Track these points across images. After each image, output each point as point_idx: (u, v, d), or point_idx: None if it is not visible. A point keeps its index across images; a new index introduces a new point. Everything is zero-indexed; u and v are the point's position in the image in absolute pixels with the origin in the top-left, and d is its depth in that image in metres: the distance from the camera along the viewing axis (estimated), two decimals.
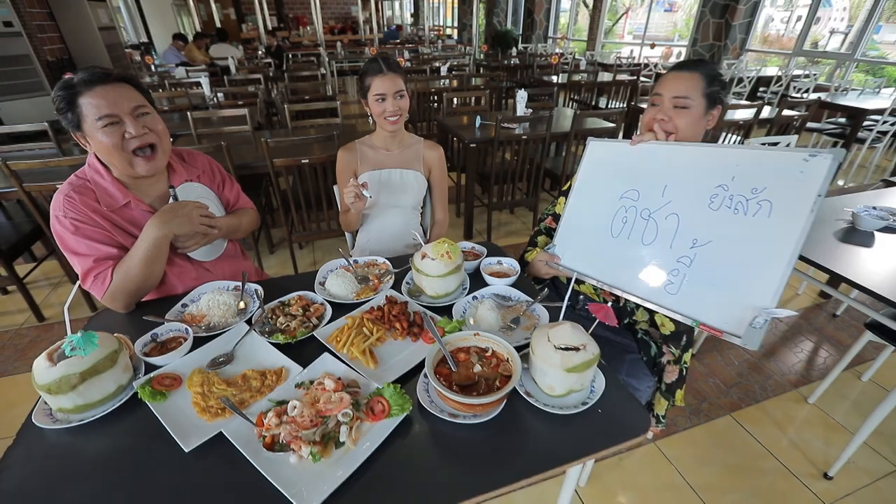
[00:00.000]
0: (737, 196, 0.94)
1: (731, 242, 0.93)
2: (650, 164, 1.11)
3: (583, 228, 1.22)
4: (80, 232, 1.05)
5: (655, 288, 1.02)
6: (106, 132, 1.00)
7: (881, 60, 6.18)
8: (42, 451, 0.78)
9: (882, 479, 1.55)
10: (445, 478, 0.74)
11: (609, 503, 1.47)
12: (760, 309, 0.85)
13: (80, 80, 0.98)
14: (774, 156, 0.91)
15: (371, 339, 0.99)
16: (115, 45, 6.26)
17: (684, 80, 1.13)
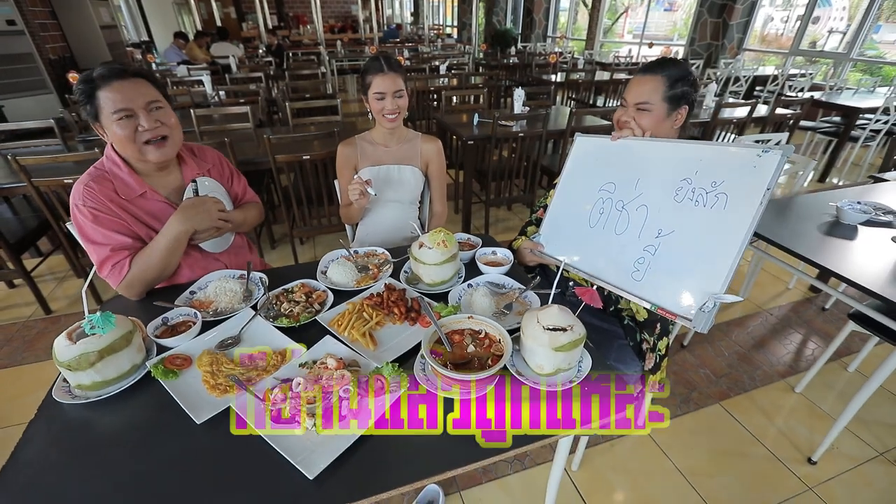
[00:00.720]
0: (698, 189, 1.00)
1: (691, 232, 1.00)
2: (627, 158, 1.18)
3: (566, 218, 1.29)
4: (99, 221, 1.10)
5: (624, 275, 1.08)
6: (120, 124, 1.06)
7: (877, 60, 6.23)
8: (62, 424, 0.84)
9: (864, 463, 1.60)
10: (441, 449, 0.79)
11: (601, 487, 1.52)
12: (710, 294, 0.92)
13: (99, 75, 1.04)
14: (733, 151, 0.98)
15: (371, 322, 1.05)
16: (116, 44, 6.31)
17: (644, 85, 1.21)
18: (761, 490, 1.51)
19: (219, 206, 1.22)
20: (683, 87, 1.20)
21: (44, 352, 2.08)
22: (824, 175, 4.27)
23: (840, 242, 1.56)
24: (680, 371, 1.99)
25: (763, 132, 3.32)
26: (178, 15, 9.34)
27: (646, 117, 1.21)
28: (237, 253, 1.42)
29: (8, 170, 2.32)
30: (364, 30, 11.64)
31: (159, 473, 0.73)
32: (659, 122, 1.22)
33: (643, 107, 1.21)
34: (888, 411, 1.81)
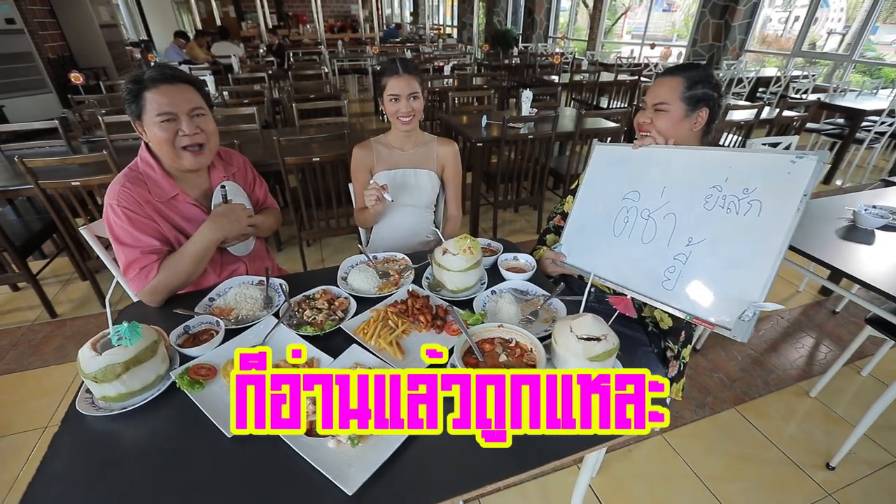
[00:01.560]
0: (729, 196, 0.99)
1: (724, 240, 0.98)
2: (651, 166, 1.16)
3: (587, 228, 1.28)
4: (132, 222, 1.10)
5: (653, 284, 1.07)
6: (162, 127, 1.07)
7: (879, 62, 6.26)
8: (87, 437, 0.81)
9: (882, 469, 1.60)
10: (475, 462, 0.77)
11: (620, 493, 1.51)
12: (749, 303, 0.90)
13: (150, 78, 1.06)
14: (764, 158, 0.97)
15: (397, 331, 1.03)
16: (116, 43, 6.26)
17: (663, 86, 1.20)
18: (780, 496, 1.51)
19: (247, 211, 1.22)
20: (704, 89, 1.19)
21: (50, 356, 2.05)
22: (829, 177, 4.27)
23: (858, 247, 1.55)
24: (694, 375, 1.98)
25: (769, 134, 3.32)
26: (178, 14, 9.28)
27: (663, 118, 1.20)
28: (257, 257, 1.42)
29: (11, 171, 2.30)
30: (364, 29, 11.60)
31: (191, 489, 0.72)
32: (676, 124, 1.20)
33: (660, 107, 1.20)
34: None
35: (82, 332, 2.20)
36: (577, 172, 3.03)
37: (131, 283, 1.12)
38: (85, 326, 2.24)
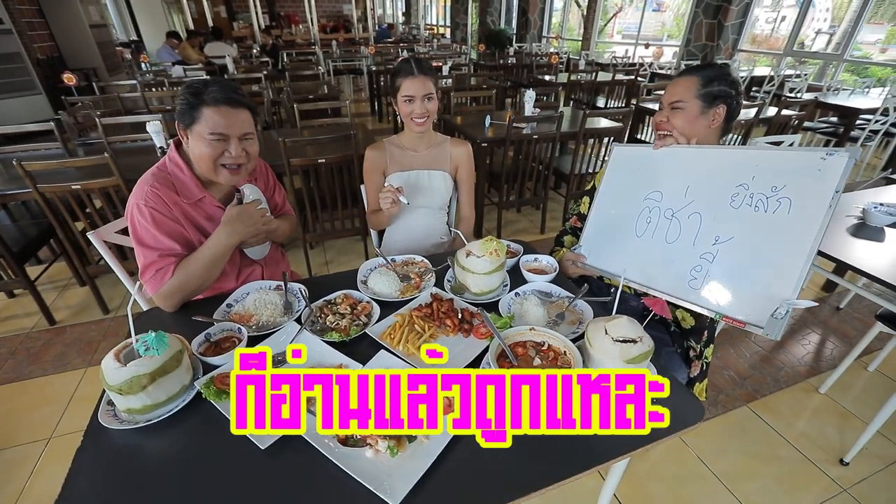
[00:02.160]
0: (757, 194, 0.98)
1: (753, 238, 0.98)
2: (672, 166, 1.16)
3: (607, 229, 1.27)
4: (157, 224, 1.09)
5: (679, 283, 1.07)
6: (211, 144, 1.09)
7: (868, 61, 6.37)
8: (112, 451, 0.78)
9: (895, 463, 1.61)
10: (515, 469, 0.76)
11: (638, 494, 1.51)
12: (782, 300, 0.90)
13: (213, 97, 1.06)
14: (793, 155, 0.96)
15: (425, 335, 1.01)
16: (106, 44, 6.16)
17: (679, 84, 1.21)
18: (797, 493, 1.51)
19: (261, 211, 1.19)
20: (720, 87, 1.18)
21: (50, 364, 2.00)
22: None
23: (869, 244, 1.57)
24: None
25: (768, 133, 3.35)
26: (168, 14, 9.14)
27: (679, 116, 1.20)
28: (273, 261, 1.41)
29: (6, 175, 2.24)
30: (357, 29, 11.53)
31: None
32: (693, 121, 1.20)
33: (676, 105, 1.20)
34: None
35: (83, 340, 2.14)
36: (580, 172, 3.03)
37: (147, 285, 1.11)
38: (86, 333, 2.18)
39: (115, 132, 2.72)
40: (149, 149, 2.57)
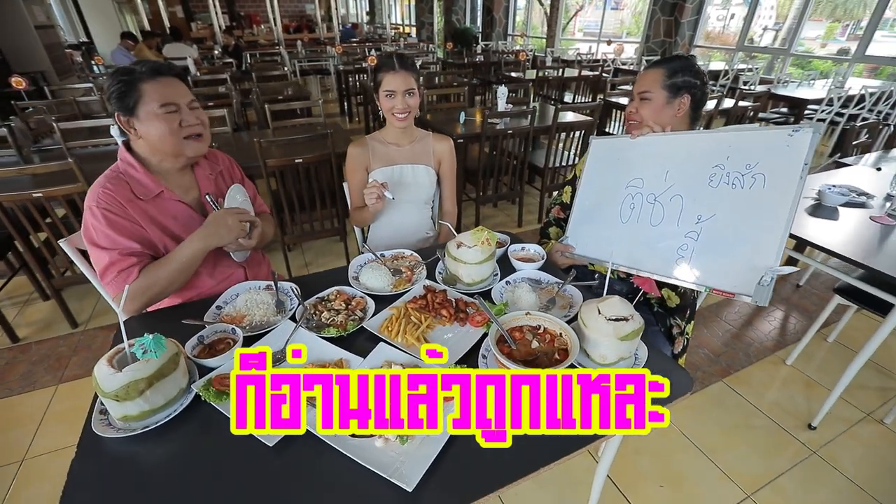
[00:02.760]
0: (733, 173, 1.04)
1: (733, 214, 1.03)
2: (651, 153, 1.21)
3: (592, 218, 1.32)
4: (111, 224, 1.06)
5: (667, 263, 1.12)
6: (167, 118, 1.07)
7: (811, 55, 6.81)
8: (109, 461, 0.76)
9: (856, 424, 1.74)
10: (523, 447, 0.78)
11: (628, 469, 1.57)
12: (766, 268, 0.96)
13: (148, 69, 1.06)
14: (763, 134, 1.03)
15: (422, 326, 1.02)
16: (54, 45, 5.83)
17: (646, 76, 1.28)
18: (772, 458, 1.61)
19: (238, 217, 1.15)
20: (684, 77, 1.25)
21: (17, 384, 1.89)
22: None
23: (826, 222, 1.68)
24: None
25: (728, 124, 3.52)
26: (120, 14, 8.71)
27: (646, 106, 1.28)
28: (255, 263, 1.38)
29: None
30: (322, 29, 11.34)
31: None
32: (659, 111, 1.27)
33: (644, 96, 1.28)
34: (866, 375, 1.98)
35: (51, 356, 2.03)
36: (554, 165, 3.10)
37: (108, 286, 1.08)
38: (54, 349, 2.07)
39: (72, 137, 2.58)
40: (112, 153, 2.44)
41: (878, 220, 1.66)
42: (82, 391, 1.85)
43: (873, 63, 5.75)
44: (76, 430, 0.79)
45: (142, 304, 1.11)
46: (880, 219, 1.66)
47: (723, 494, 1.50)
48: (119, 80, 1.04)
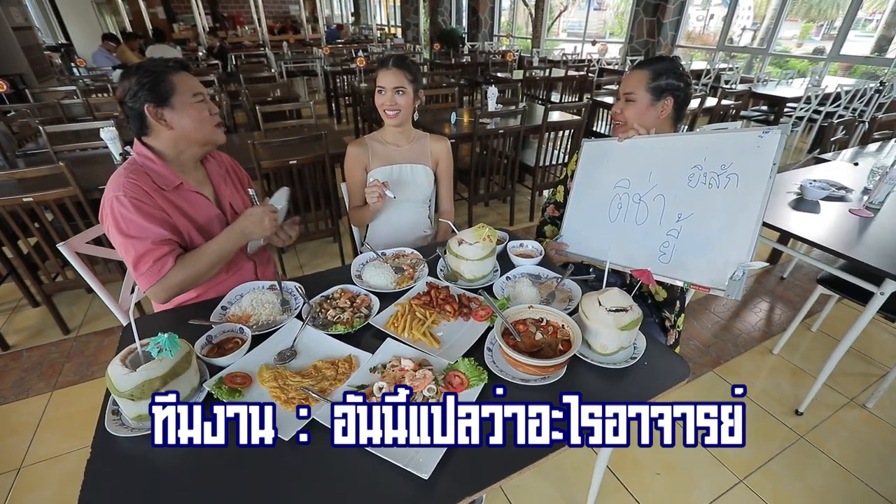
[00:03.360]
0: (710, 173, 1.10)
1: (709, 212, 1.09)
2: (637, 155, 1.26)
3: (584, 217, 1.36)
4: (141, 212, 1.07)
5: (651, 259, 1.17)
6: (198, 107, 1.13)
7: (788, 54, 7.01)
8: (125, 460, 0.76)
9: (840, 409, 1.82)
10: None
11: (626, 459, 1.61)
12: (738, 264, 1.01)
13: (175, 63, 1.12)
14: (735, 136, 1.09)
15: (427, 322, 1.05)
16: (32, 48, 5.70)
17: (631, 78, 1.31)
18: (762, 443, 1.67)
19: (273, 216, 1.19)
20: (668, 80, 1.29)
21: (10, 392, 1.85)
22: None
23: (807, 216, 1.75)
24: None
25: (711, 122, 3.62)
26: (100, 15, 8.53)
27: (630, 108, 1.32)
28: (265, 260, 1.42)
29: None
30: (307, 30, 11.27)
31: (261, 499, 0.70)
32: (642, 112, 1.31)
33: (629, 97, 1.32)
34: (848, 362, 2.06)
35: (44, 363, 2.00)
36: (545, 164, 3.14)
37: (142, 277, 1.08)
38: (46, 356, 2.04)
39: (58, 141, 2.54)
40: (101, 157, 2.43)
41: (856, 212, 1.73)
42: (78, 397, 1.83)
43: (847, 62, 5.96)
44: (73, 436, 0.79)
45: (174, 293, 1.13)
46: (859, 211, 1.73)
47: (716, 480, 1.55)
48: (150, 72, 1.08)
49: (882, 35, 6.54)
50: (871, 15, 7.36)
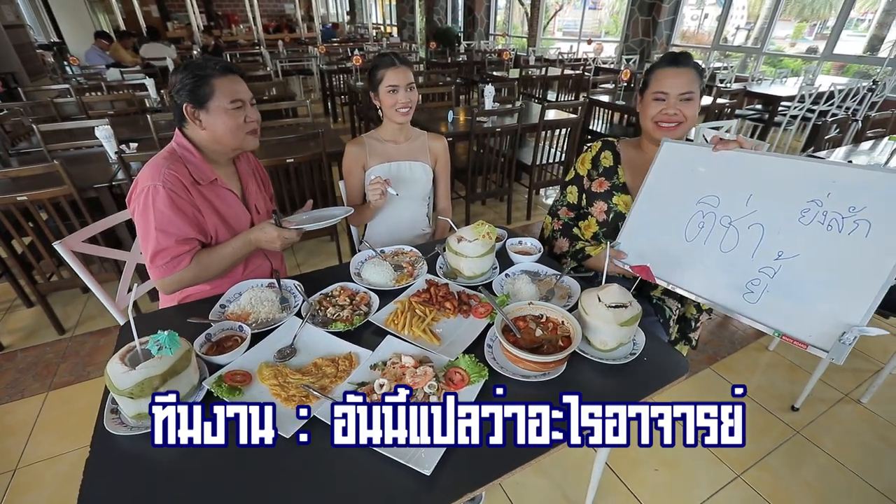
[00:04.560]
0: (831, 213, 0.91)
1: (822, 258, 0.91)
2: (733, 172, 1.08)
3: (652, 229, 1.20)
4: (176, 206, 1.09)
5: (733, 295, 1.01)
6: (234, 113, 1.13)
7: (782, 53, 7.05)
8: (125, 459, 0.76)
9: (835, 405, 1.84)
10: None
11: (625, 457, 1.62)
12: (850, 326, 0.84)
13: (219, 67, 1.12)
14: (877, 176, 0.88)
15: (427, 319, 1.04)
16: (24, 45, 5.65)
17: (684, 76, 1.21)
18: (759, 439, 1.69)
19: (288, 241, 1.22)
20: (703, 77, 1.29)
21: (4, 392, 1.84)
22: None
23: None
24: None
25: (707, 120, 3.63)
26: (93, 13, 8.45)
27: (691, 107, 1.22)
28: (278, 256, 1.45)
29: None
30: (302, 29, 11.22)
31: (258, 497, 0.69)
32: (698, 110, 1.26)
33: (688, 96, 1.21)
34: None
35: (39, 363, 1.98)
36: (542, 162, 3.15)
37: (156, 269, 1.11)
38: (41, 356, 2.02)
39: (52, 139, 2.52)
40: (95, 156, 2.41)
41: None
42: (74, 398, 1.82)
43: (840, 61, 6.01)
44: (69, 437, 0.79)
45: (184, 286, 1.17)
46: None
47: (714, 475, 1.56)
48: (194, 73, 1.09)
49: (874, 35, 6.59)
50: (864, 15, 7.43)
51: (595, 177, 1.42)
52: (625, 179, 1.38)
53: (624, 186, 1.37)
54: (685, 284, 1.09)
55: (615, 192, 1.37)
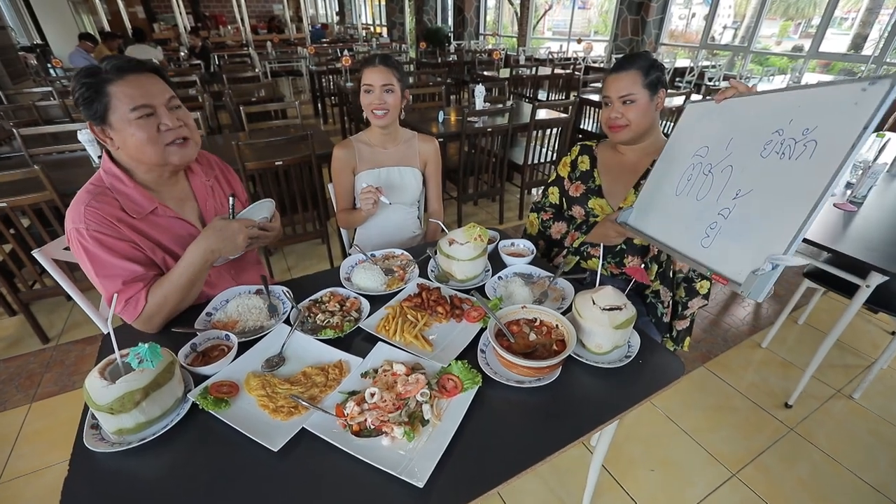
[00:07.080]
0: (787, 140, 0.87)
1: (767, 189, 0.88)
2: (726, 118, 1.06)
3: (657, 190, 1.18)
4: (106, 247, 0.95)
5: (694, 243, 0.99)
6: (140, 124, 0.93)
7: (768, 52, 7.12)
8: (106, 477, 0.73)
9: (828, 401, 1.84)
10: (529, 437, 0.80)
11: (621, 457, 1.61)
12: (768, 256, 0.80)
13: (113, 67, 0.91)
14: (832, 90, 0.83)
15: (419, 324, 1.02)
16: (6, 48, 5.52)
17: (624, 80, 1.24)
18: (753, 436, 1.69)
19: (246, 232, 1.04)
20: (655, 73, 1.27)
21: None
22: None
23: None
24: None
25: None
26: (77, 15, 8.30)
27: (633, 109, 1.25)
28: (250, 265, 1.33)
29: None
30: (291, 30, 11.13)
31: None
32: (645, 110, 1.26)
33: (629, 98, 1.25)
34: (835, 354, 2.09)
35: (21, 374, 1.93)
36: (533, 162, 3.14)
37: (122, 314, 0.99)
38: (24, 367, 1.97)
39: (34, 144, 2.46)
40: (80, 160, 2.36)
41: (840, 206, 1.76)
42: (58, 409, 1.77)
43: (826, 59, 6.07)
44: (54, 449, 0.76)
45: (160, 322, 1.02)
46: (843, 205, 1.76)
47: (710, 475, 1.55)
48: (82, 83, 0.90)
49: (858, 33, 6.69)
50: (847, 14, 7.54)
51: (574, 180, 1.43)
52: (600, 182, 1.38)
53: (599, 190, 1.38)
54: (663, 238, 1.07)
55: (591, 195, 1.38)
